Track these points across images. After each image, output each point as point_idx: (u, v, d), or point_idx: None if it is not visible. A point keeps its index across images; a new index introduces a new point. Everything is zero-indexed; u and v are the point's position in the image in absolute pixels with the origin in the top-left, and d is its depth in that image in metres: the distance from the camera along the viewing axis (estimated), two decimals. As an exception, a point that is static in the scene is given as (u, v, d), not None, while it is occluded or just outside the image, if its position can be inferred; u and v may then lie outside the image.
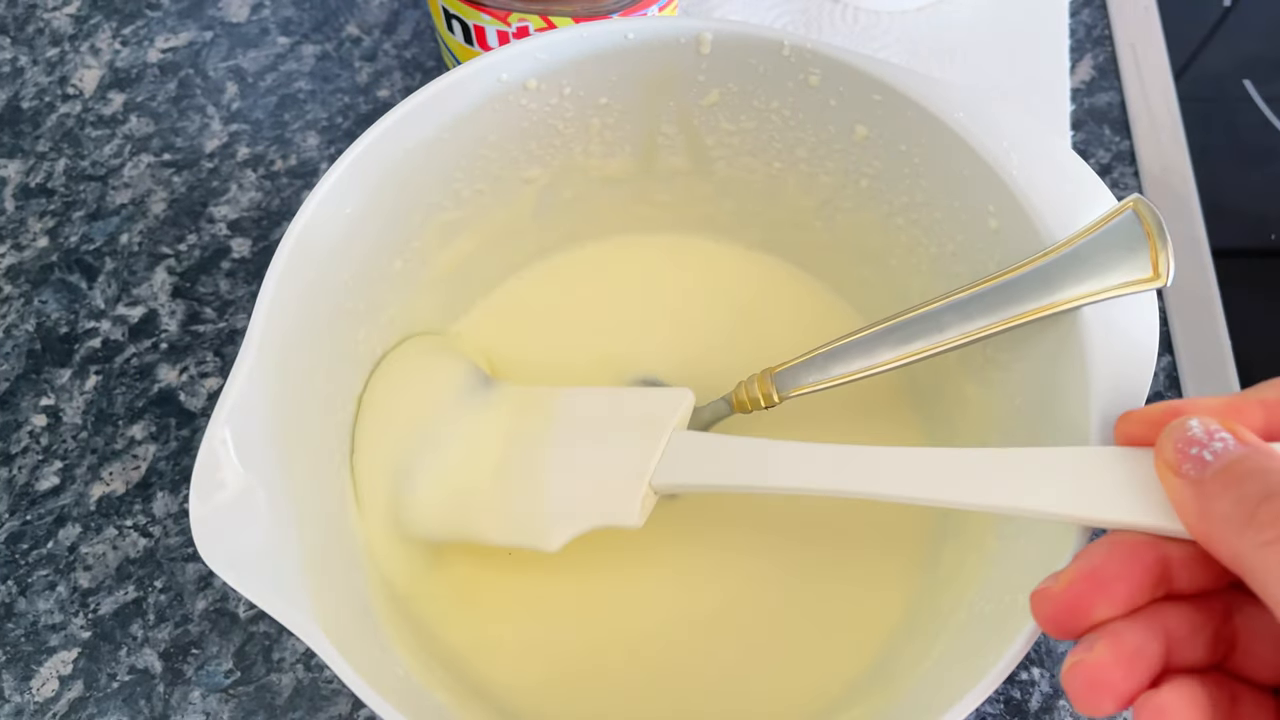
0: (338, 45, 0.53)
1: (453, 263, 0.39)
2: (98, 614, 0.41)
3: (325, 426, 0.34)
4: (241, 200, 0.49)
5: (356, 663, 0.27)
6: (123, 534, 0.42)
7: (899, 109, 0.34)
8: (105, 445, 0.44)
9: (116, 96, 0.52)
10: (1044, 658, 0.41)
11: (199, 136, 0.51)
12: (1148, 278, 0.29)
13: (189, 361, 0.45)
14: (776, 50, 0.34)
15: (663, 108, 0.37)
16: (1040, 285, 0.30)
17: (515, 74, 0.35)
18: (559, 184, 0.40)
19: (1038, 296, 0.30)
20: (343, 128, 0.51)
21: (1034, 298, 0.30)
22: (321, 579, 0.30)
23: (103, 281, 0.47)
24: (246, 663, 0.40)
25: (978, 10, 0.53)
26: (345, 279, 0.34)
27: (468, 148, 0.36)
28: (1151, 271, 0.29)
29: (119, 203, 0.49)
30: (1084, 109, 0.52)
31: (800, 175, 0.39)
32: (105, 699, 0.39)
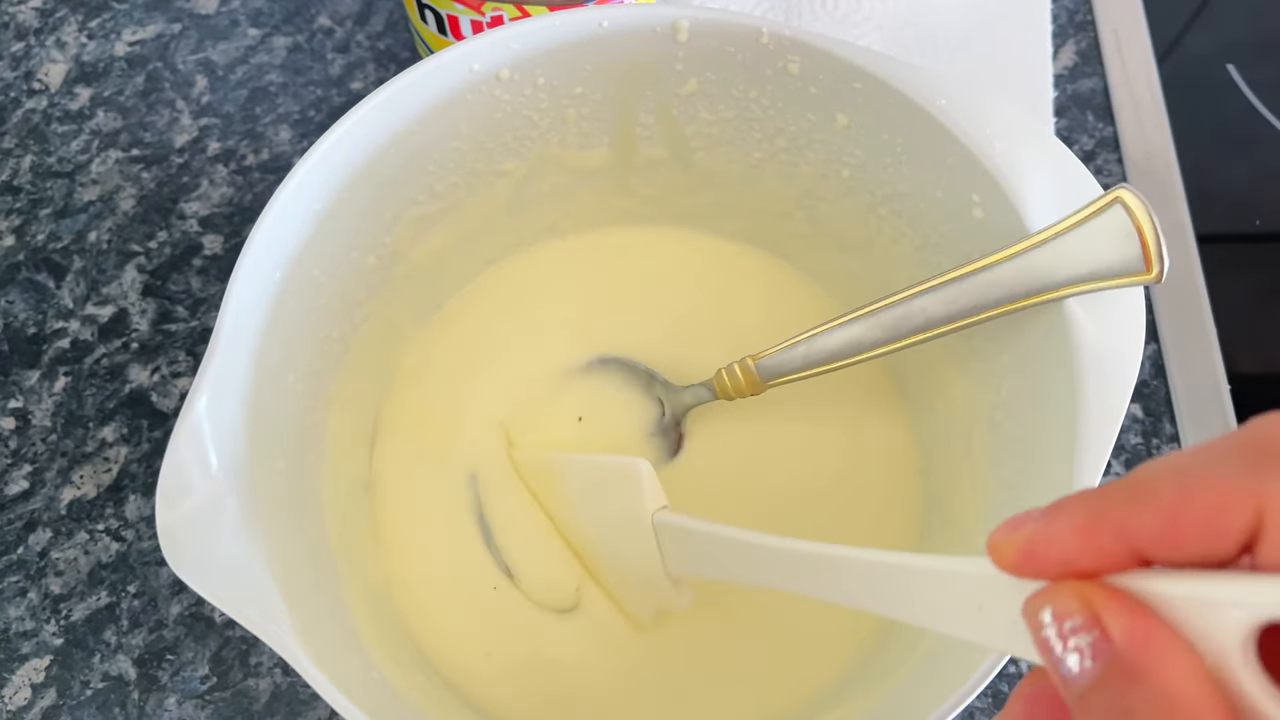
0: (309, 37, 0.52)
1: (427, 257, 0.39)
2: (70, 620, 0.40)
3: (297, 428, 0.34)
4: (213, 196, 0.48)
5: (330, 669, 0.27)
6: (94, 538, 0.41)
7: (880, 97, 0.33)
8: (75, 448, 0.43)
9: (83, 91, 0.51)
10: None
11: (168, 131, 0.50)
12: (1141, 273, 0.28)
13: (161, 361, 0.44)
14: (755, 38, 0.33)
15: (640, 97, 0.37)
16: (1025, 275, 0.30)
17: (488, 64, 0.34)
18: (535, 176, 0.39)
19: (1022, 286, 0.30)
20: (316, 121, 0.50)
21: (1018, 287, 0.30)
22: (294, 585, 0.29)
23: (71, 280, 0.46)
24: (223, 668, 0.39)
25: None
26: (316, 276, 0.33)
27: (441, 140, 0.35)
28: (1145, 265, 0.28)
29: (87, 200, 0.48)
30: (1067, 95, 0.51)
31: (781, 165, 0.38)
32: (79, 707, 0.38)
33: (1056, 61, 0.52)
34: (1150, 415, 0.44)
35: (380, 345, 0.39)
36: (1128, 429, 0.44)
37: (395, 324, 0.39)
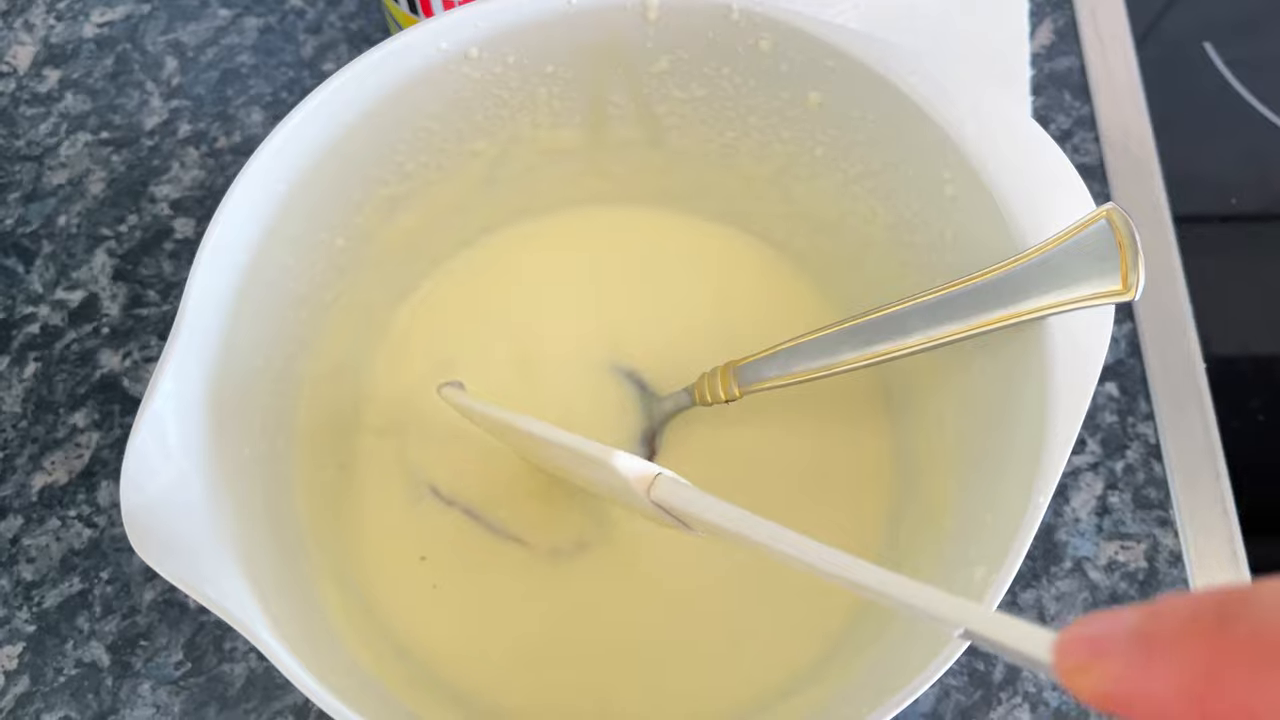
0: (281, 18, 0.52)
1: (398, 239, 0.38)
2: (42, 607, 0.40)
3: (267, 410, 0.33)
4: (184, 179, 0.48)
5: (300, 653, 0.26)
6: (66, 525, 0.41)
7: (852, 74, 0.33)
8: (46, 434, 0.42)
9: (51, 73, 0.50)
10: (1007, 629, 0.40)
11: (138, 113, 0.49)
12: (1116, 290, 0.28)
13: (132, 346, 0.44)
14: (725, 15, 0.33)
15: (611, 76, 0.36)
16: (1010, 293, 0.29)
17: (455, 42, 0.33)
18: (507, 156, 0.39)
19: (1007, 304, 0.30)
20: (288, 103, 0.49)
21: (1003, 305, 0.30)
22: (263, 568, 0.29)
23: (40, 265, 0.46)
24: (197, 654, 0.39)
25: (936, -26, 0.52)
26: (284, 258, 0.33)
27: (409, 119, 0.35)
28: (1120, 284, 0.28)
29: (56, 183, 0.47)
30: (1044, 74, 0.51)
31: (754, 144, 0.38)
32: (52, 693, 0.38)
33: (1034, 40, 0.52)
34: (1126, 394, 0.44)
35: (352, 327, 0.39)
36: (1103, 407, 0.44)
37: (367, 306, 0.39)
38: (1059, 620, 0.40)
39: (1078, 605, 0.41)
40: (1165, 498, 0.42)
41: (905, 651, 0.29)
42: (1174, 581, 0.41)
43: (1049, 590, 0.41)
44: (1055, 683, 0.38)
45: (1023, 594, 0.41)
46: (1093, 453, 0.43)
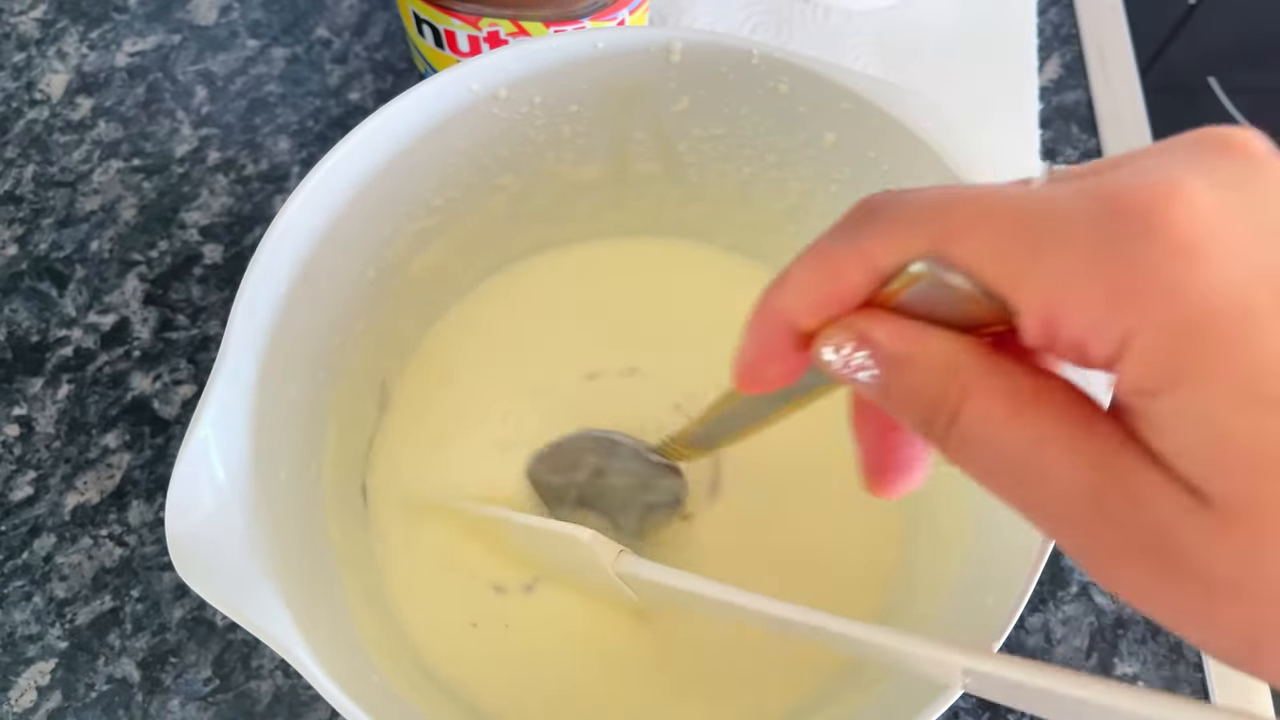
0: (308, 48, 0.53)
1: (425, 270, 0.40)
2: (75, 624, 0.41)
3: (300, 438, 0.34)
4: (213, 205, 0.49)
5: (334, 673, 0.27)
6: (98, 543, 0.42)
7: (867, 117, 0.34)
8: (79, 454, 0.44)
9: (84, 101, 0.51)
10: (1015, 652, 0.41)
11: (169, 141, 0.50)
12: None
13: (162, 369, 0.45)
14: (745, 59, 0.34)
15: (634, 115, 0.38)
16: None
17: (486, 84, 0.35)
18: (531, 191, 0.40)
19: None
20: (314, 131, 0.51)
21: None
22: (298, 591, 0.30)
23: (73, 289, 0.47)
24: (225, 670, 0.40)
25: (947, 10, 0.54)
26: (319, 291, 0.34)
27: (439, 156, 0.36)
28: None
29: (88, 209, 0.49)
30: (1052, 107, 0.52)
31: (771, 181, 0.39)
32: (84, 709, 0.39)
33: (1042, 74, 0.53)
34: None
35: (379, 356, 0.40)
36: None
37: (394, 335, 0.40)
38: (1064, 643, 0.41)
39: (1083, 629, 0.42)
40: (1169, 525, 0.43)
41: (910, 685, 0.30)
42: (1178, 607, 0.42)
43: (1055, 614, 0.42)
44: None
45: (1030, 618, 0.42)
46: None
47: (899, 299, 0.20)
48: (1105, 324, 0.17)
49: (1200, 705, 0.20)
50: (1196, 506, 0.16)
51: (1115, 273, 0.17)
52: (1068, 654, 0.41)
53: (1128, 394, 0.17)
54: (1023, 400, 0.18)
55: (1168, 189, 0.17)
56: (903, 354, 0.20)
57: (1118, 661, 0.41)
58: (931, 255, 0.19)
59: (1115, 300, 0.17)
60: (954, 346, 0.19)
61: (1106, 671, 0.41)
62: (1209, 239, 0.16)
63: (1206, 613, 0.17)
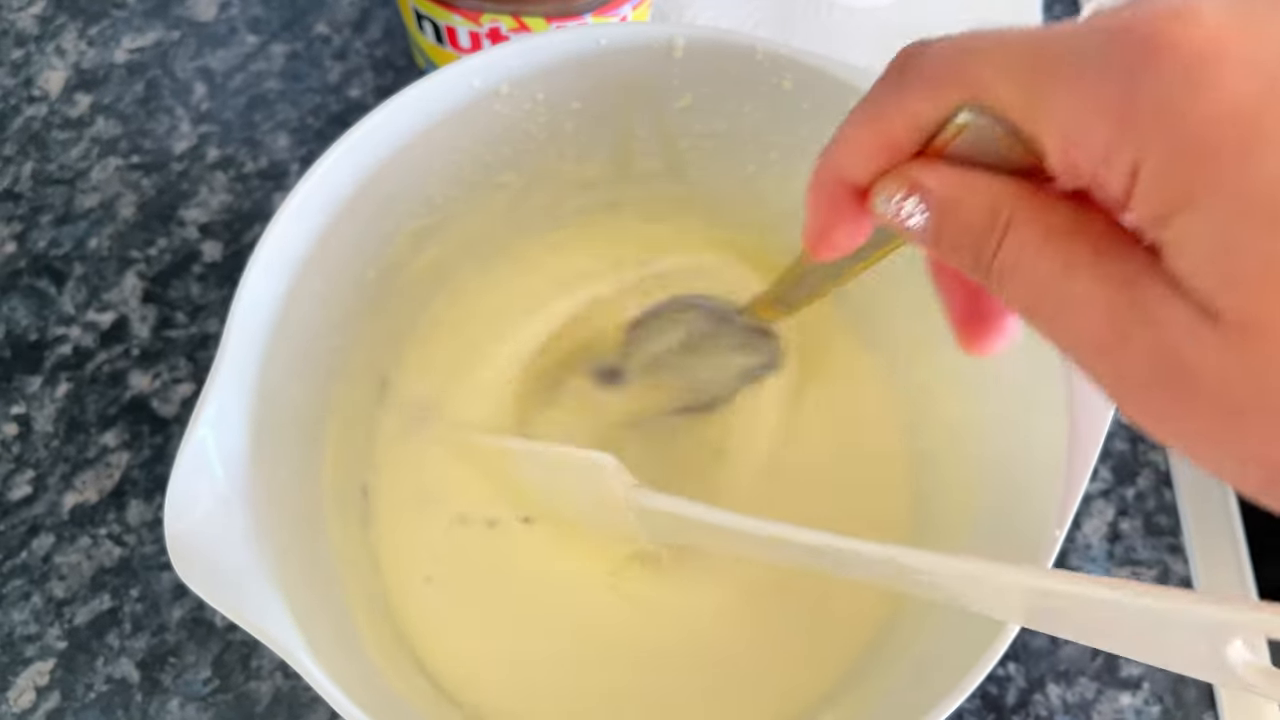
0: (307, 44, 0.53)
1: (425, 268, 0.39)
2: (73, 624, 0.40)
3: (299, 438, 0.34)
4: (212, 203, 0.49)
5: (334, 675, 0.27)
6: (97, 543, 0.42)
7: (871, 114, 0.34)
8: (78, 453, 0.43)
9: (83, 98, 0.51)
10: (1020, 653, 0.41)
11: (168, 138, 0.50)
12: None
13: (161, 368, 0.45)
14: (749, 55, 0.34)
15: (636, 112, 0.37)
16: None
17: (488, 80, 0.34)
18: (533, 188, 0.40)
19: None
20: (314, 128, 0.50)
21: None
22: (298, 592, 0.29)
23: (72, 287, 0.47)
24: (224, 671, 0.40)
25: (952, 9, 0.53)
26: (318, 289, 0.34)
27: (440, 154, 0.36)
28: None
29: (87, 206, 0.48)
30: (1056, 104, 0.52)
31: (774, 177, 0.39)
32: (83, 709, 0.39)
33: (1046, 71, 0.53)
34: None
35: (379, 354, 0.39)
36: (1115, 434, 0.45)
37: (393, 333, 0.40)
38: (1070, 645, 0.41)
39: (1088, 630, 0.41)
40: (1175, 524, 0.43)
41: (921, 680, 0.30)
42: (1183, 607, 0.42)
43: (1060, 615, 0.42)
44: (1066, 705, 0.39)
45: (1034, 618, 0.42)
46: (1104, 479, 0.44)
47: (948, 149, 0.21)
48: (1114, 152, 0.17)
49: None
50: (1208, 324, 0.16)
51: (1120, 99, 0.17)
52: (1073, 654, 0.41)
53: (1145, 224, 0.18)
54: (1056, 229, 0.19)
55: (1176, 8, 0.17)
56: (951, 197, 0.21)
57: (1123, 662, 0.41)
58: (969, 104, 0.20)
59: (1121, 127, 0.17)
60: (998, 186, 0.20)
61: (1112, 673, 0.41)
62: (1216, 56, 0.16)
63: (1221, 435, 0.17)
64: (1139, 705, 0.40)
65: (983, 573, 0.25)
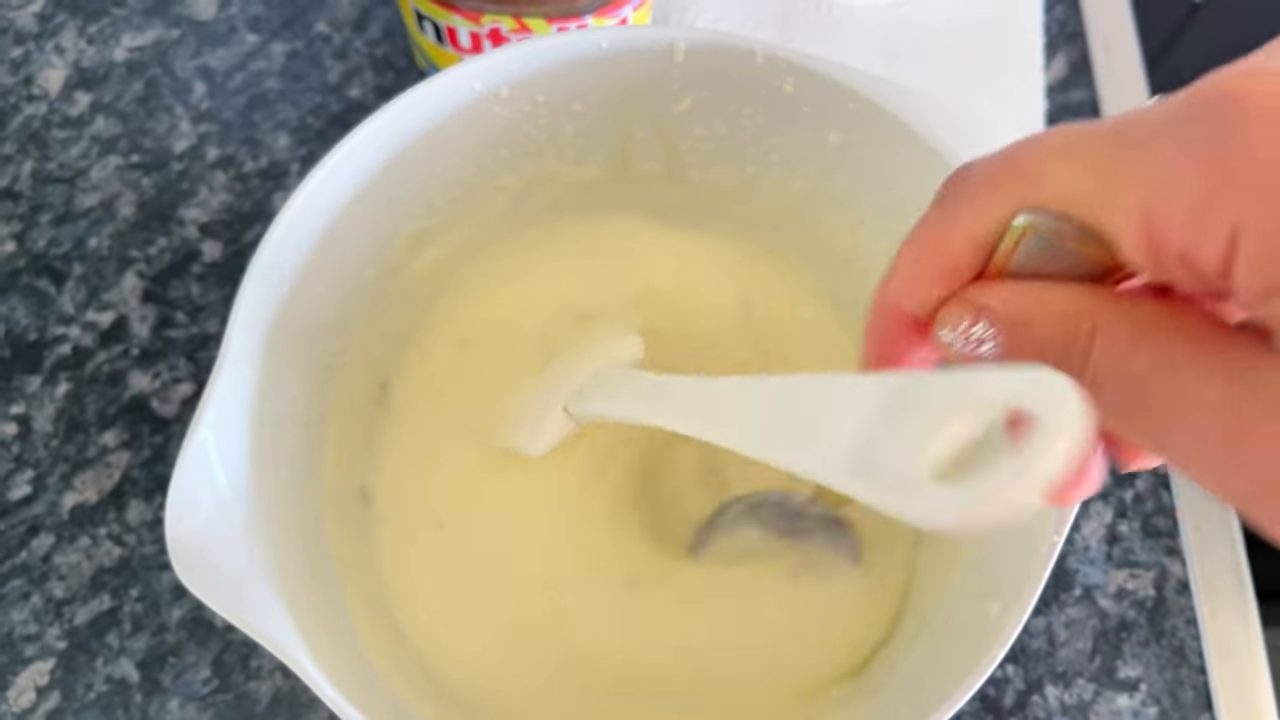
0: (308, 43, 0.53)
1: (425, 271, 0.39)
2: (73, 624, 0.40)
3: (299, 441, 0.34)
4: (212, 202, 0.49)
5: (335, 677, 0.27)
6: (97, 543, 0.42)
7: (871, 118, 0.34)
8: (77, 453, 0.43)
9: (82, 97, 0.51)
10: (1018, 655, 0.41)
11: (167, 137, 0.50)
12: None
13: (161, 367, 0.45)
14: (750, 59, 0.34)
15: (636, 114, 0.37)
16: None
17: (488, 83, 0.34)
18: (532, 190, 0.40)
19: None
20: (314, 128, 0.50)
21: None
22: (298, 595, 0.30)
23: (71, 287, 0.47)
24: (224, 671, 0.40)
25: (952, 7, 0.53)
26: (319, 291, 0.34)
27: (440, 156, 0.36)
28: None
29: (87, 206, 0.48)
30: (1057, 106, 0.52)
31: (774, 180, 0.39)
32: (83, 709, 0.39)
33: (1048, 73, 0.53)
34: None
35: (380, 356, 0.39)
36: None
37: (393, 336, 0.40)
38: (1068, 646, 0.41)
39: (1087, 632, 0.41)
40: (1173, 526, 0.43)
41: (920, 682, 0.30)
42: (1181, 609, 0.42)
43: (1059, 617, 0.42)
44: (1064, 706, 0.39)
45: (1033, 620, 0.42)
46: (1103, 482, 0.44)
47: (1010, 265, 0.19)
48: (1207, 220, 0.15)
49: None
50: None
51: (1209, 160, 0.15)
52: (1071, 656, 0.41)
53: (1251, 299, 0.16)
54: (1146, 326, 0.17)
55: (1252, 68, 0.16)
56: (1021, 315, 0.19)
57: (1120, 664, 0.41)
58: (1026, 208, 0.18)
59: (1214, 190, 0.15)
60: (1072, 293, 0.19)
61: (1110, 675, 0.41)
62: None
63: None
64: (1136, 707, 0.40)
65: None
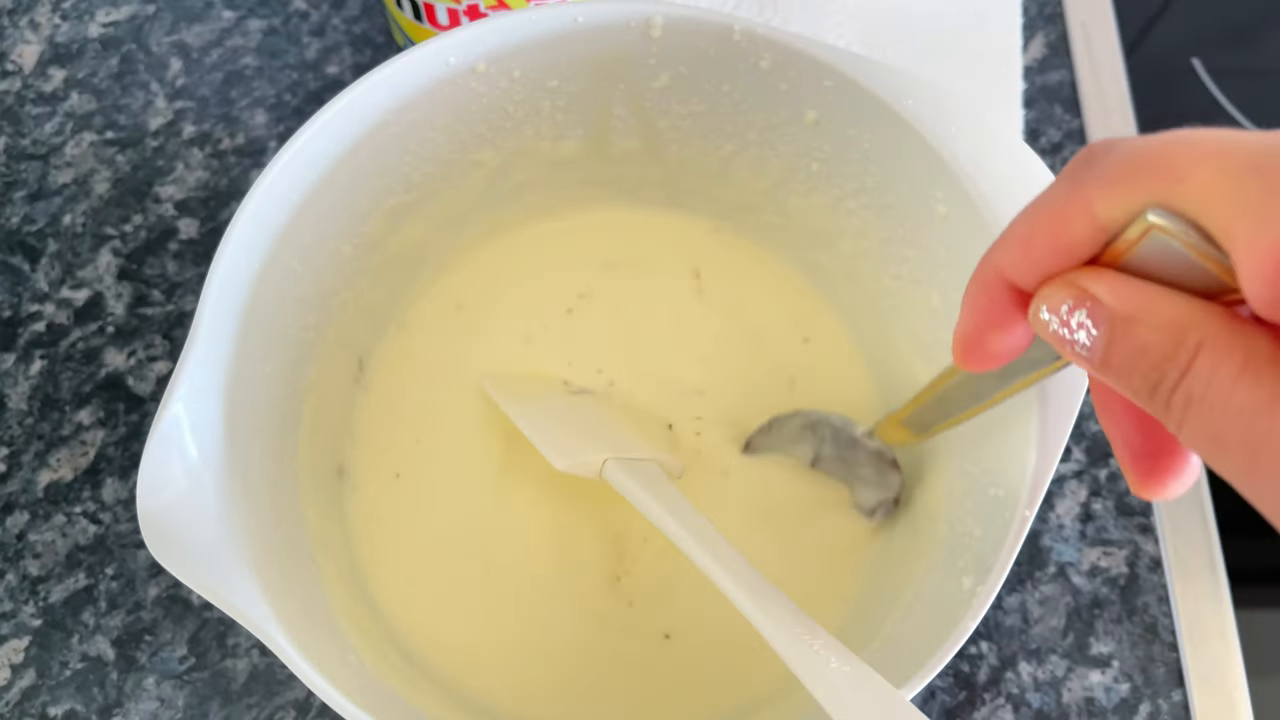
0: (285, 20, 0.52)
1: (403, 247, 0.39)
2: (48, 602, 0.40)
3: (275, 416, 0.34)
4: (188, 180, 0.48)
5: (309, 653, 0.27)
6: (72, 521, 0.42)
7: (848, 94, 0.34)
8: (52, 431, 0.43)
9: (57, 73, 0.51)
10: (992, 631, 0.41)
11: (143, 114, 0.50)
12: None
13: (137, 345, 0.45)
14: (727, 35, 0.34)
15: (614, 90, 0.37)
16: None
17: (464, 58, 0.34)
18: (510, 166, 0.40)
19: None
20: (291, 105, 0.50)
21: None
22: (272, 570, 0.29)
23: (46, 264, 0.46)
24: (200, 649, 0.40)
25: (931, -14, 0.53)
26: (294, 266, 0.34)
27: (417, 131, 0.36)
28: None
29: (61, 182, 0.48)
30: (1036, 87, 0.52)
31: (751, 158, 0.39)
32: (58, 687, 0.39)
33: (1026, 54, 0.53)
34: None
35: (356, 334, 0.39)
36: (1088, 416, 0.45)
37: (371, 313, 0.40)
38: (1042, 623, 0.42)
39: (1060, 609, 0.42)
40: (1147, 505, 0.44)
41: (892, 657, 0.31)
42: (1154, 587, 0.42)
43: (1033, 594, 0.42)
44: (1037, 682, 0.39)
45: (1008, 598, 0.42)
46: (1077, 461, 0.44)
47: (1126, 258, 0.18)
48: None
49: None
50: None
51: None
52: (1045, 633, 0.41)
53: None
54: (1258, 358, 0.17)
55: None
56: (1128, 313, 0.18)
57: (1093, 641, 0.41)
58: (1159, 205, 0.17)
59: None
60: (1186, 304, 0.18)
61: (1083, 651, 0.41)
62: None
63: None
64: (1108, 683, 0.41)
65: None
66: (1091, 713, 0.40)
